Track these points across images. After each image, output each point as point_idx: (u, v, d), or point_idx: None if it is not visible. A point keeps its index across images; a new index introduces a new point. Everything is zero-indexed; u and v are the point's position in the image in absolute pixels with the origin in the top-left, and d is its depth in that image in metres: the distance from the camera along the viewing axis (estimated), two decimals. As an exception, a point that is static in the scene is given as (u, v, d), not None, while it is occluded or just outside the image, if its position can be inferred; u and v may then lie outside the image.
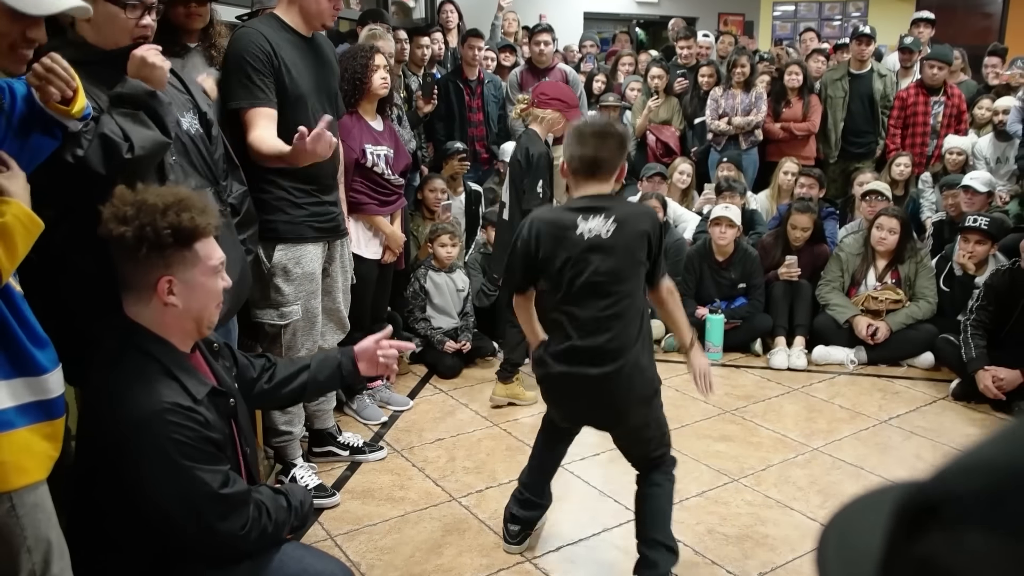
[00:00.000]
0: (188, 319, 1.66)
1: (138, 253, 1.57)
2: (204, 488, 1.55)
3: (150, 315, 1.63)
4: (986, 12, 11.62)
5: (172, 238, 1.57)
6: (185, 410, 1.56)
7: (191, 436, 1.55)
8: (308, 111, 2.71)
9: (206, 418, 1.60)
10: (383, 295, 3.70)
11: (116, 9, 1.90)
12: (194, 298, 1.64)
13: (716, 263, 4.62)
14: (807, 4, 12.27)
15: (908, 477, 0.46)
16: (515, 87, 5.56)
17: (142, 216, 1.55)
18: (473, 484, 3.02)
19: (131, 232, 1.55)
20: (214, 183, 2.22)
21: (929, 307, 4.34)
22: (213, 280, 1.68)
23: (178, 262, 1.61)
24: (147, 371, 1.59)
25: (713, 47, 7.13)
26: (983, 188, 4.67)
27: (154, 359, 1.61)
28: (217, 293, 1.70)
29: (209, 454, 1.59)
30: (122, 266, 1.63)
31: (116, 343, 1.64)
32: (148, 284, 1.60)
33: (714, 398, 3.87)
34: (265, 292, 2.77)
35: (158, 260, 1.59)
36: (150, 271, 1.60)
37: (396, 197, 3.58)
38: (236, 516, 1.61)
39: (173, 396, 1.57)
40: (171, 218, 1.56)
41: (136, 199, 1.58)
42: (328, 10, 2.68)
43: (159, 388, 1.57)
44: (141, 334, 1.62)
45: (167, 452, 1.52)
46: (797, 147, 5.84)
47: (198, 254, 1.63)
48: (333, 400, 3.24)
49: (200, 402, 1.61)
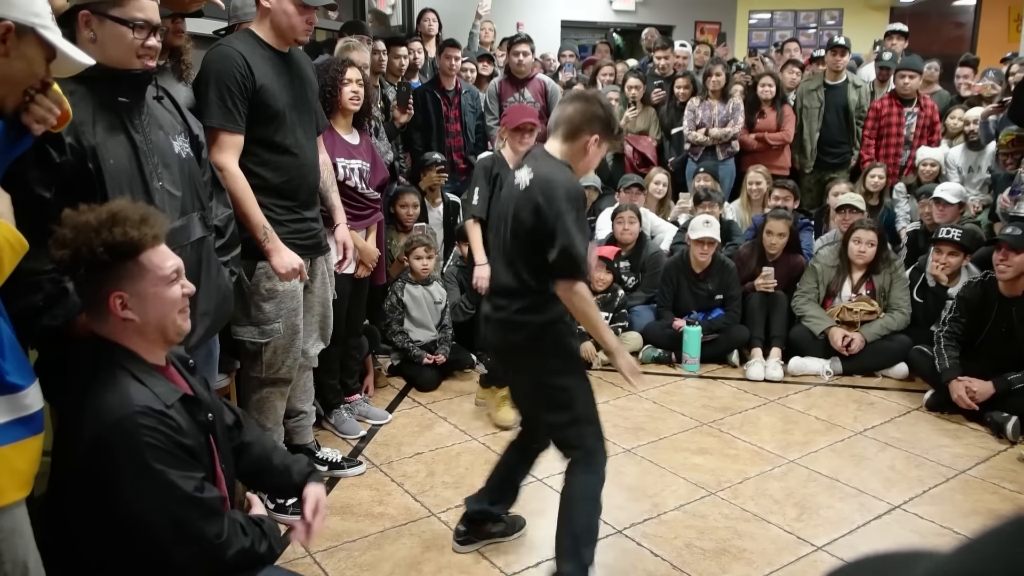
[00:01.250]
0: (150, 330, 1.65)
1: (77, 274, 1.58)
2: (177, 492, 1.55)
3: (111, 330, 1.63)
4: (958, 21, 11.80)
5: (108, 255, 1.56)
6: (156, 413, 1.56)
7: (162, 440, 1.55)
8: (286, 127, 2.71)
9: (178, 423, 1.60)
10: (359, 309, 3.68)
11: (124, 29, 1.92)
12: (150, 309, 1.63)
13: (693, 275, 4.66)
14: (783, 13, 12.39)
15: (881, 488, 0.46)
16: (493, 97, 5.57)
17: (78, 237, 1.55)
18: (452, 499, 3.02)
19: (68, 254, 1.55)
20: (201, 207, 2.21)
21: (903, 317, 4.39)
22: (167, 289, 1.66)
23: (124, 277, 1.60)
24: (117, 379, 1.59)
25: (691, 56, 7.18)
26: (954, 199, 4.74)
27: (122, 368, 1.61)
28: (175, 301, 1.68)
29: (182, 459, 1.58)
30: (75, 287, 1.65)
31: (87, 358, 1.65)
32: (100, 301, 1.61)
33: (691, 410, 3.91)
34: (246, 310, 2.76)
35: (103, 277, 1.59)
36: (98, 289, 1.60)
37: (371, 211, 3.58)
38: (211, 522, 1.60)
39: (144, 400, 1.57)
40: (104, 235, 1.55)
41: (76, 220, 1.57)
42: (300, 25, 2.68)
43: (129, 392, 1.57)
44: (108, 347, 1.63)
45: (140, 455, 1.52)
46: (772, 157, 5.89)
47: (144, 266, 1.62)
48: (313, 416, 3.22)
49: (171, 407, 1.61)
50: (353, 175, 3.41)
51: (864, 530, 2.83)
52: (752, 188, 5.49)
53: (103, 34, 1.91)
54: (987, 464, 3.35)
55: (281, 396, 2.94)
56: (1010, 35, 9.99)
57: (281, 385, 2.91)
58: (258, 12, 2.68)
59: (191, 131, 2.22)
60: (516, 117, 3.71)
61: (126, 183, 1.91)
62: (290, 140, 2.73)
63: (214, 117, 2.55)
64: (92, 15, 1.91)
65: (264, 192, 2.67)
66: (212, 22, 3.41)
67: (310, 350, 3.04)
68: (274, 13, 2.64)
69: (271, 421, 2.93)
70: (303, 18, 2.66)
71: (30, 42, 1.54)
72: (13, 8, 1.49)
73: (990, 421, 3.65)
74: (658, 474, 3.24)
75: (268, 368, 2.82)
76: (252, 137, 2.65)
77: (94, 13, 1.91)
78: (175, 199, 2.07)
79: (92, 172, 1.82)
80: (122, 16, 1.93)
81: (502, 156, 3.70)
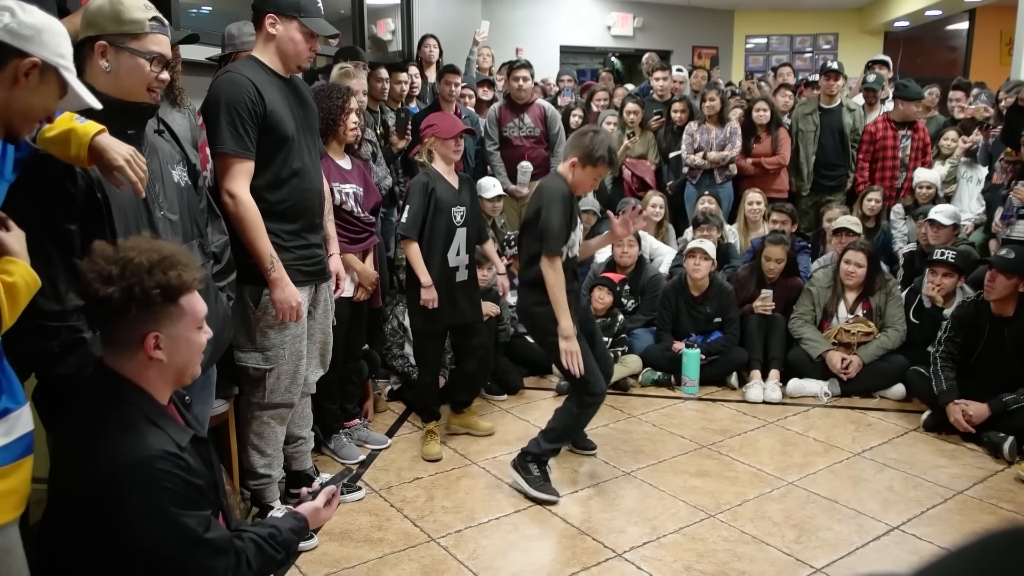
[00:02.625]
0: (171, 372, 1.66)
1: (127, 314, 1.56)
2: (190, 534, 1.57)
3: (133, 368, 1.63)
4: (951, 46, 11.92)
5: (161, 297, 1.57)
6: (172, 457, 1.57)
7: (178, 483, 1.56)
8: (294, 151, 2.74)
9: (189, 463, 1.61)
10: (358, 333, 3.70)
11: (142, 62, 1.97)
12: (179, 352, 1.65)
13: (692, 297, 4.68)
14: (779, 37, 12.55)
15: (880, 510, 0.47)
16: (493, 123, 5.63)
17: (128, 276, 1.55)
18: (452, 524, 3.03)
19: (118, 293, 1.54)
20: (200, 235, 2.24)
21: (898, 335, 4.42)
22: (198, 334, 1.69)
23: (165, 318, 1.61)
24: (131, 420, 1.59)
25: (687, 81, 7.25)
26: (947, 221, 4.78)
27: (136, 408, 1.61)
28: (201, 345, 1.71)
29: (193, 500, 1.60)
30: (106, 323, 1.62)
31: (96, 393, 1.64)
32: (134, 340, 1.60)
33: (691, 432, 3.92)
34: (251, 336, 2.77)
35: (146, 317, 1.59)
36: (137, 328, 1.60)
37: (367, 235, 3.60)
38: (218, 560, 1.62)
39: (161, 443, 1.57)
40: (159, 277, 1.57)
41: (119, 257, 1.57)
42: (305, 52, 2.73)
43: (147, 436, 1.57)
44: (122, 384, 1.62)
45: (157, 499, 1.53)
46: (769, 181, 5.94)
47: (184, 309, 1.64)
48: (311, 441, 3.23)
49: (185, 449, 1.62)
50: (349, 199, 3.45)
51: (863, 551, 2.84)
52: (750, 208, 5.53)
53: (119, 65, 1.95)
54: (985, 484, 3.36)
55: (281, 422, 2.95)
56: (1002, 58, 10.10)
57: (282, 410, 2.92)
58: (262, 38, 2.73)
59: (188, 160, 2.26)
60: (451, 127, 3.61)
61: (132, 213, 1.94)
62: (298, 164, 2.76)
63: (226, 143, 2.58)
64: (109, 46, 1.96)
65: (271, 217, 2.69)
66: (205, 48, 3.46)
67: (310, 377, 3.05)
68: (280, 40, 2.69)
69: (271, 448, 2.94)
70: (308, 45, 2.72)
71: (50, 80, 1.61)
72: (44, 48, 1.57)
73: (987, 441, 3.66)
74: (657, 497, 3.25)
75: (271, 394, 2.83)
76: (262, 162, 2.68)
77: (111, 44, 1.96)
78: (177, 228, 2.10)
79: (100, 201, 1.85)
80: (140, 49, 1.97)
81: (436, 171, 3.60)
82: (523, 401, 4.42)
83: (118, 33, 1.96)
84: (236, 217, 2.58)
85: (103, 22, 1.96)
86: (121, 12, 1.96)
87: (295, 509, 1.96)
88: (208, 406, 2.49)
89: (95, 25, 1.97)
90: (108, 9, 1.96)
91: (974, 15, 10.93)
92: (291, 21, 2.66)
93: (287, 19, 2.66)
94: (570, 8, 11.20)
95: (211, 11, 4.70)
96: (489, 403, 4.35)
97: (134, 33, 1.97)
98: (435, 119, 3.68)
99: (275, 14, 2.66)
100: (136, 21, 1.97)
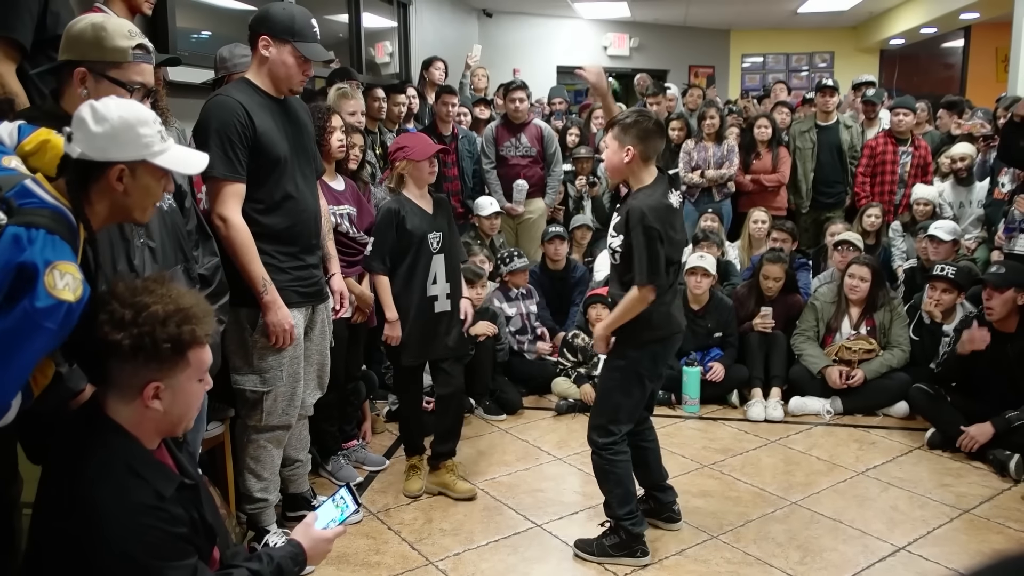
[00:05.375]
0: (166, 422, 1.62)
1: (133, 361, 1.53)
2: None
3: (128, 414, 1.59)
4: (947, 63, 11.97)
5: (171, 351, 1.54)
6: (153, 511, 1.52)
7: (159, 536, 1.52)
8: (287, 174, 2.73)
9: (172, 515, 1.56)
10: (355, 354, 3.67)
11: (122, 92, 1.86)
12: (177, 403, 1.61)
13: (692, 312, 4.65)
14: (775, 56, 12.62)
15: (885, 530, 0.45)
16: (490, 142, 5.64)
17: (141, 324, 1.52)
18: (450, 547, 2.98)
19: (128, 340, 1.51)
20: (184, 259, 2.21)
21: (903, 355, 4.38)
22: (199, 385, 1.66)
23: (169, 369, 1.57)
24: (115, 470, 1.54)
25: (678, 98, 7.27)
26: (947, 237, 4.76)
27: (119, 457, 1.56)
28: (200, 396, 1.68)
29: (178, 550, 1.55)
30: (109, 365, 1.58)
31: (79, 436, 1.59)
32: (134, 387, 1.57)
33: (692, 452, 3.88)
34: (248, 358, 2.74)
35: (151, 366, 1.55)
36: (139, 375, 1.56)
37: (363, 256, 3.58)
38: None
39: (141, 498, 1.52)
40: (171, 330, 1.53)
41: (134, 301, 1.54)
42: (297, 76, 2.70)
43: (128, 489, 1.52)
44: (108, 430, 1.57)
45: (134, 554, 1.49)
46: (768, 198, 5.94)
47: (190, 362, 1.60)
48: (308, 464, 3.19)
49: (167, 499, 1.56)
50: (344, 221, 3.42)
51: (868, 573, 2.79)
52: (755, 227, 5.52)
53: (98, 95, 1.79)
54: (991, 503, 3.31)
55: (278, 445, 2.91)
56: (998, 75, 10.14)
57: (279, 433, 2.89)
58: (255, 60, 2.71)
59: (174, 181, 2.23)
60: (424, 148, 3.31)
61: (106, 242, 1.89)
62: (291, 186, 2.74)
63: (216, 167, 2.54)
64: (89, 73, 1.87)
65: (266, 239, 2.67)
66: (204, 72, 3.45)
67: (307, 399, 3.01)
68: (272, 63, 2.67)
69: (267, 471, 2.89)
70: (300, 69, 2.70)
71: (145, 171, 1.65)
72: (125, 150, 1.61)
73: (992, 459, 3.62)
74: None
75: (268, 416, 2.79)
76: (254, 184, 2.65)
77: (91, 72, 1.87)
78: (157, 255, 2.06)
79: None
80: (121, 79, 1.89)
81: (406, 197, 3.31)
82: (522, 421, 4.38)
83: (99, 60, 1.88)
84: (228, 240, 2.56)
85: (84, 48, 1.87)
86: (104, 39, 1.87)
87: (292, 536, 1.90)
88: (199, 432, 2.45)
89: (75, 50, 1.88)
90: (90, 35, 1.87)
91: (969, 32, 10.99)
92: (285, 44, 2.64)
93: (281, 42, 2.64)
94: (567, 29, 11.27)
95: (211, 36, 4.70)
96: (488, 423, 4.31)
97: (116, 62, 1.89)
98: (406, 140, 3.41)
99: (269, 36, 2.64)
100: (119, 49, 1.88)
